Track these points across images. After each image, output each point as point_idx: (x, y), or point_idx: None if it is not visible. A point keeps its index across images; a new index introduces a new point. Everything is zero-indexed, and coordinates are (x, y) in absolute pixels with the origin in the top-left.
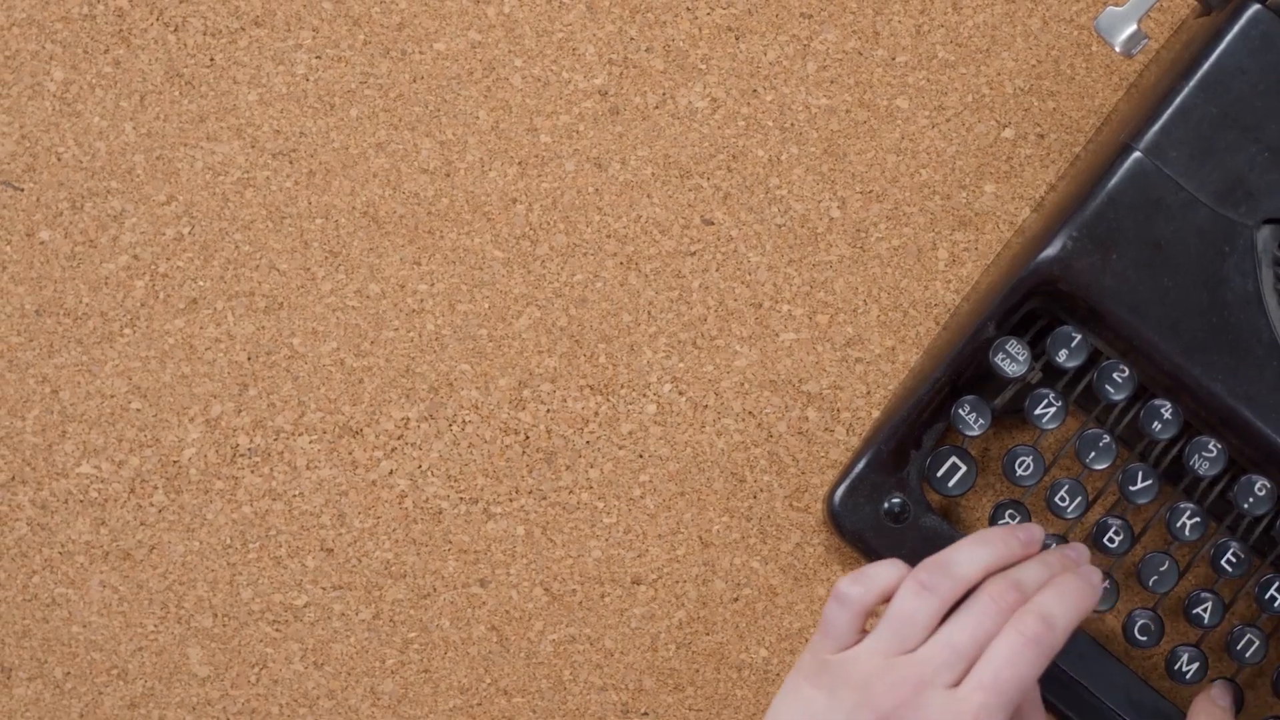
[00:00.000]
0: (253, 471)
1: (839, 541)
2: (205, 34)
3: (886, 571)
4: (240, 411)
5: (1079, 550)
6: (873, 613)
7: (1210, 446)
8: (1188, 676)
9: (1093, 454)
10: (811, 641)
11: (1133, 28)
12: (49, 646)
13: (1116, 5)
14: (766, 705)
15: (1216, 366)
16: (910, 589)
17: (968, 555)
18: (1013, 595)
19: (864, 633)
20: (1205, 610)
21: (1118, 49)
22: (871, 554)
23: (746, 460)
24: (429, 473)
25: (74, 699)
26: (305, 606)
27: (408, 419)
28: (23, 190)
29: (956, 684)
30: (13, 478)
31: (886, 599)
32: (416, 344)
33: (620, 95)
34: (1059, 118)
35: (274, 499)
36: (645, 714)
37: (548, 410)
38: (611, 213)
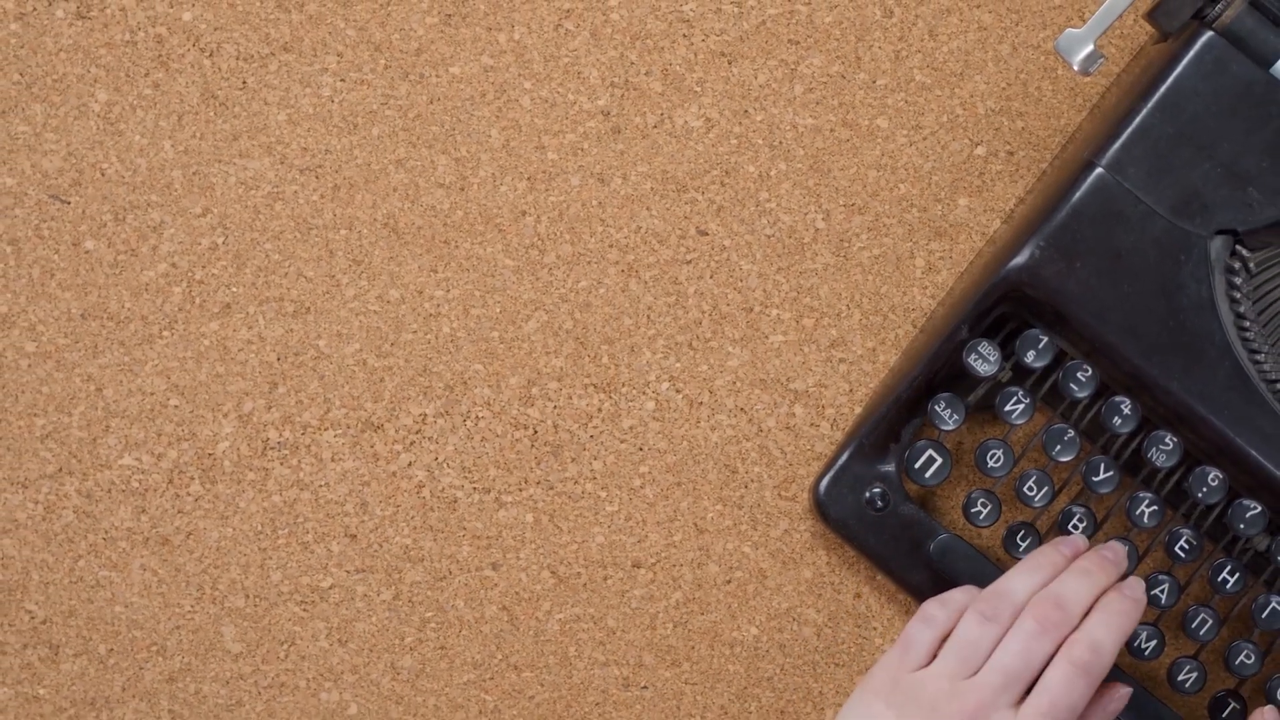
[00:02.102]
0: (282, 463)
1: (824, 528)
2: (238, 59)
3: (965, 597)
4: (270, 408)
5: (1116, 550)
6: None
7: (1167, 440)
8: (1146, 653)
9: (1058, 447)
10: (886, 657)
11: (1089, 48)
12: (94, 625)
13: (1075, 28)
14: (756, 678)
15: (1172, 366)
16: (974, 619)
17: (1022, 583)
18: (1055, 614)
19: (934, 655)
20: (1163, 591)
21: (1076, 68)
22: (854, 540)
23: (738, 453)
24: (445, 464)
25: (116, 673)
26: (330, 588)
27: (425, 415)
28: (69, 203)
29: (1016, 703)
30: (60, 469)
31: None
32: (433, 345)
33: (622, 115)
34: (1027, 136)
35: (301, 489)
36: (645, 687)
37: (554, 407)
38: (613, 224)
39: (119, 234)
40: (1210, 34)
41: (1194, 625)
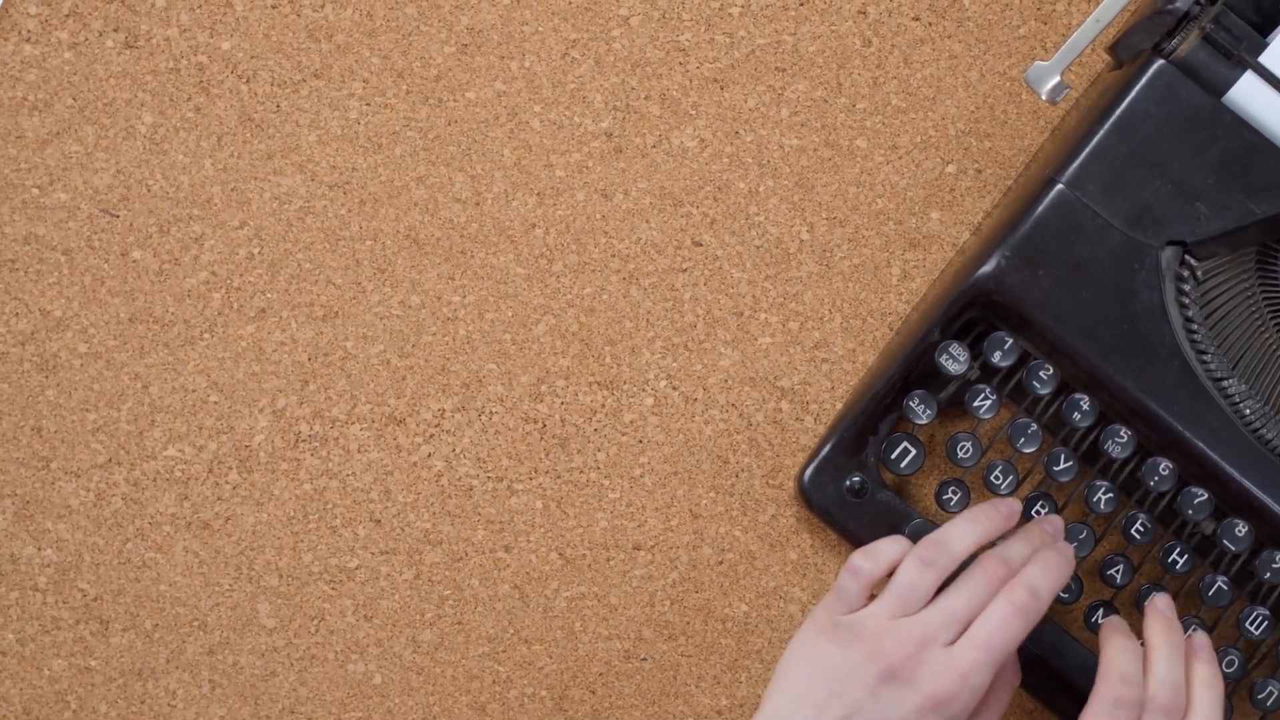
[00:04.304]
0: (312, 454)
1: (808, 514)
2: (273, 84)
3: (892, 548)
4: (302, 404)
5: (1054, 523)
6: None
7: (1122, 434)
8: None
9: (1022, 440)
10: (824, 602)
11: (1056, 79)
12: (140, 603)
13: (1043, 60)
14: (746, 651)
15: (1127, 366)
16: (913, 564)
17: (960, 533)
18: (1002, 570)
19: (870, 598)
20: (1117, 572)
21: (1044, 97)
22: (836, 525)
23: (730, 445)
24: (461, 455)
25: (161, 647)
26: (357, 569)
27: (443, 410)
28: (118, 217)
29: (953, 643)
30: (110, 460)
31: (891, 571)
32: (451, 346)
33: (623, 136)
34: (994, 155)
35: (330, 478)
36: (644, 659)
37: (562, 403)
38: (616, 235)
39: (164, 245)
40: (1161, 62)
41: (1147, 603)
